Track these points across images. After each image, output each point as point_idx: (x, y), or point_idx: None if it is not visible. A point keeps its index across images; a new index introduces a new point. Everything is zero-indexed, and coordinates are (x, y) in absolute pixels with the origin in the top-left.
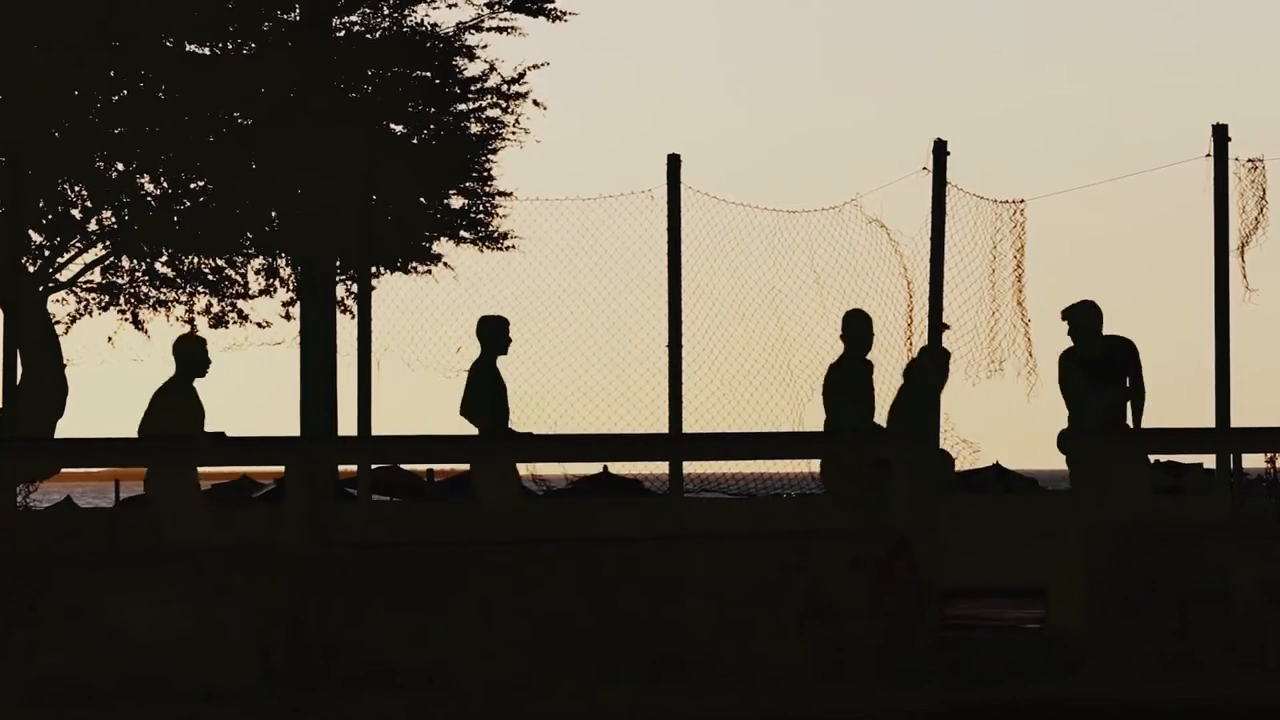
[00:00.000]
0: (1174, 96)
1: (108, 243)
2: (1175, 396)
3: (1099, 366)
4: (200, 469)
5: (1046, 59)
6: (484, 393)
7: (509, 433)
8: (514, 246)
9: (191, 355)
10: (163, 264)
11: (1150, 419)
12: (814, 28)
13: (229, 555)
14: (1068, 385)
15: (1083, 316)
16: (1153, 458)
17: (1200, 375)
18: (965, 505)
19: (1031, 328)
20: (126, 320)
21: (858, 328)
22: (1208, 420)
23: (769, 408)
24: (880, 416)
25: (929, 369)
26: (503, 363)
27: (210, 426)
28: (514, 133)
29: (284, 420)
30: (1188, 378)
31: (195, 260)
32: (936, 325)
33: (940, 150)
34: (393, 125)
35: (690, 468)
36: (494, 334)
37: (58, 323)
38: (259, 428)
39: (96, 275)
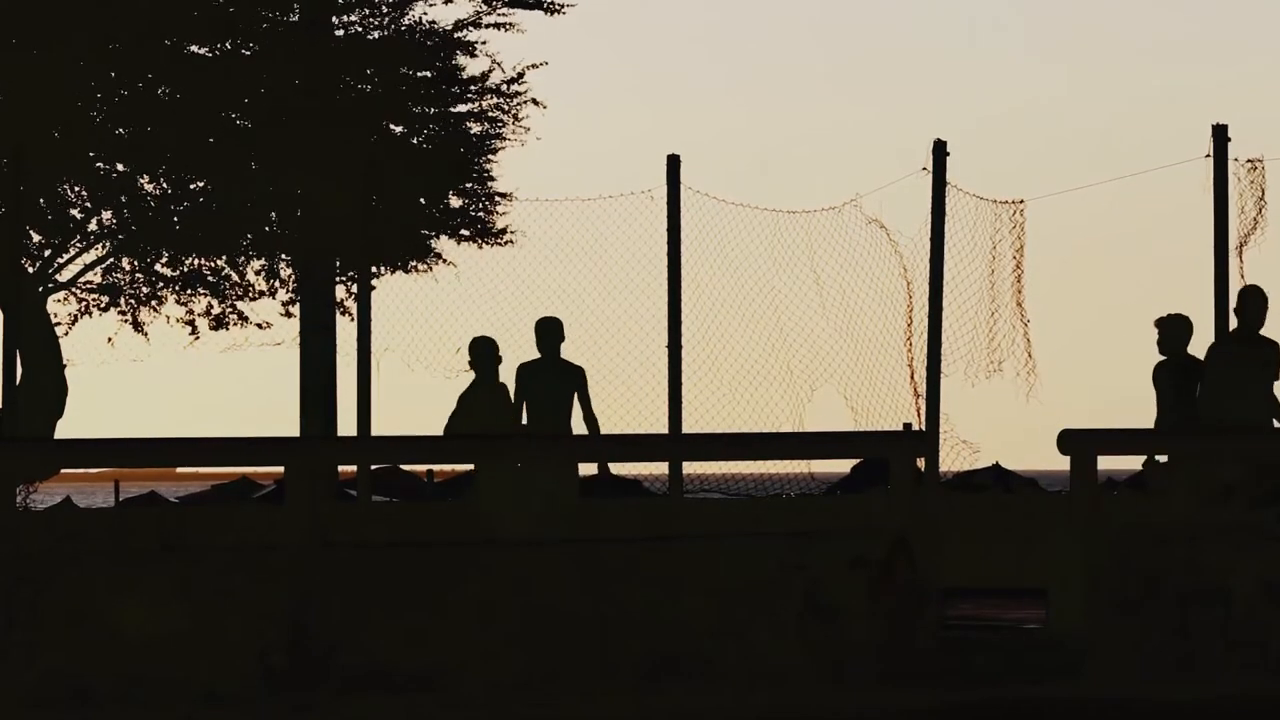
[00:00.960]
0: (1174, 96)
1: (108, 243)
2: None
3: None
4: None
5: (1047, 59)
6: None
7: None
8: (513, 242)
9: (483, 355)
10: (163, 265)
11: (1150, 419)
12: (814, 28)
13: (229, 555)
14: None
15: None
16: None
17: None
18: (965, 505)
19: (1031, 328)
20: (126, 321)
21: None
22: None
23: (769, 408)
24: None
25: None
26: (504, 362)
27: (208, 427)
28: (514, 132)
29: (284, 420)
30: None
31: (195, 261)
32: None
33: (940, 150)
34: (393, 125)
35: (690, 468)
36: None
37: (58, 323)
38: (259, 428)
39: (96, 276)
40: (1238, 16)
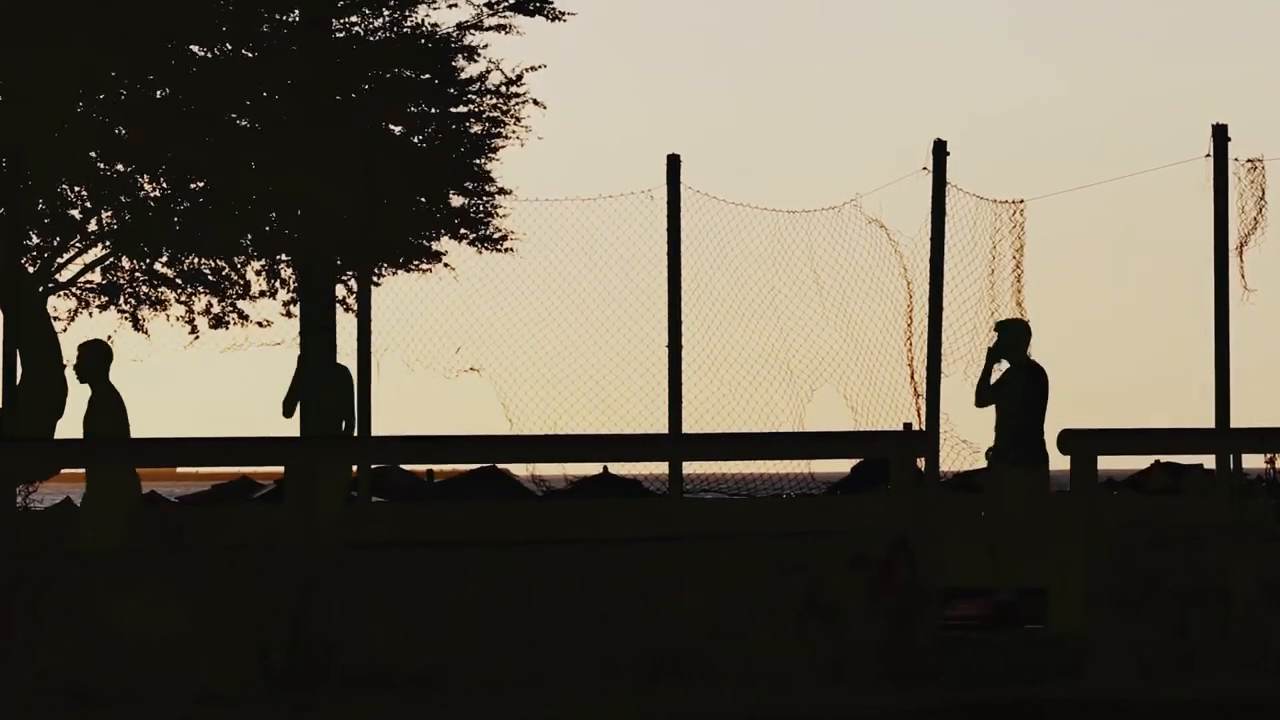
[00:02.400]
0: (1174, 96)
1: (107, 243)
2: (1175, 396)
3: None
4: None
5: (1047, 59)
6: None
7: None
8: (512, 249)
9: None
10: (163, 264)
11: (1150, 419)
12: (814, 28)
13: (229, 555)
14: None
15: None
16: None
17: (1199, 375)
18: (965, 505)
19: (1031, 328)
20: (126, 320)
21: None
22: (1207, 420)
23: (769, 408)
24: None
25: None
26: (503, 363)
27: (208, 427)
28: (514, 133)
29: (283, 421)
30: (1187, 377)
31: (196, 261)
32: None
33: (940, 150)
34: (392, 126)
35: (690, 468)
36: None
37: (58, 320)
38: (259, 428)
39: (96, 276)
40: (1238, 16)
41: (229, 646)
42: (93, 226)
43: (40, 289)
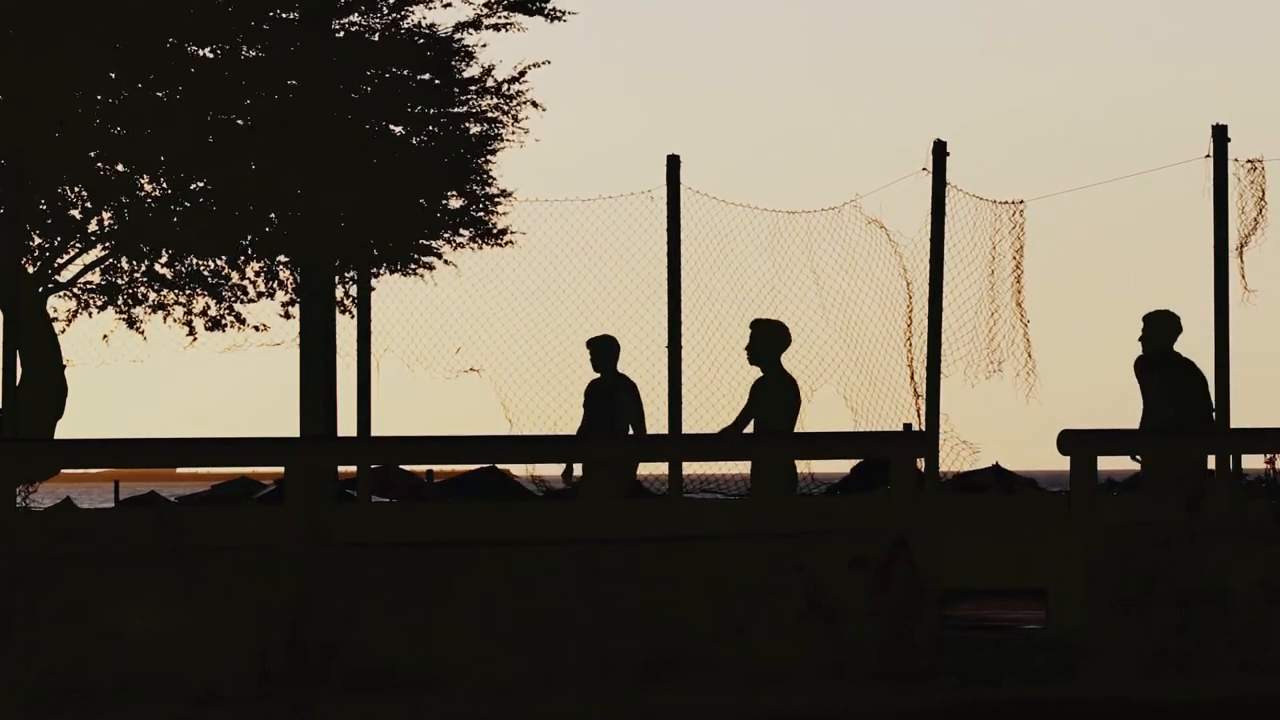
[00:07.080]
0: (1174, 96)
1: (107, 244)
2: None
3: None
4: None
5: (1046, 59)
6: None
7: None
8: (513, 242)
9: None
10: (162, 265)
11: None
12: (813, 28)
13: (229, 555)
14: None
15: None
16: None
17: None
18: (965, 505)
19: (1031, 328)
20: (122, 320)
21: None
22: None
23: None
24: None
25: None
26: (503, 363)
27: (208, 427)
28: (513, 133)
29: (283, 421)
30: None
31: (195, 262)
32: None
33: (940, 150)
34: (392, 126)
35: (690, 468)
36: None
37: (57, 320)
38: (259, 428)
39: (96, 276)
40: (1238, 16)
41: (229, 646)
42: (93, 226)
43: (40, 289)
